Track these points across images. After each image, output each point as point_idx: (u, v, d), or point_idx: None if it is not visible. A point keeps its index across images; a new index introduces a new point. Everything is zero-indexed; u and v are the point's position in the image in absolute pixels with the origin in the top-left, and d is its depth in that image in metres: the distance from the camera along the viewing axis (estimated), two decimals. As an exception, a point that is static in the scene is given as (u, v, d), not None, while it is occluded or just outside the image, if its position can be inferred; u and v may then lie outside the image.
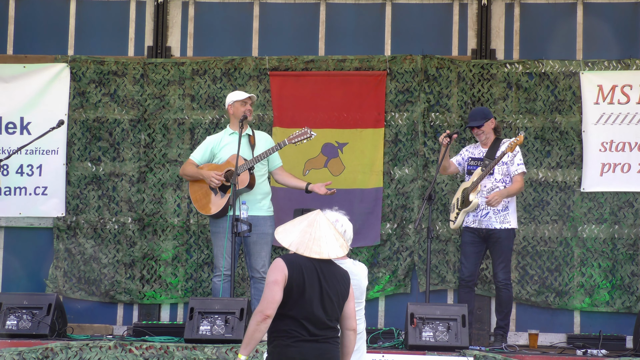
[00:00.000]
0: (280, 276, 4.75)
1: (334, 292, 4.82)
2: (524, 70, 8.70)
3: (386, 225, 8.72)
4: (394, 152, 8.76)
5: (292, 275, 4.75)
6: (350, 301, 4.94)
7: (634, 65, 8.59)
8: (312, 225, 4.84)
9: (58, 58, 9.00)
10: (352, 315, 4.95)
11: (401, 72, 8.78)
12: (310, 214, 4.91)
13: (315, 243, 4.80)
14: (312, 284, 4.77)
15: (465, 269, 7.73)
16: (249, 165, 7.69)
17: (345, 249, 4.88)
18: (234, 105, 7.91)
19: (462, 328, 7.06)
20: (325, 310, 4.79)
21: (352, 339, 4.95)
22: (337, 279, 4.88)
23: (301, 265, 4.78)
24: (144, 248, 8.83)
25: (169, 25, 9.11)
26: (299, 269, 4.77)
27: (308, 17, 9.05)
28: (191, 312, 7.19)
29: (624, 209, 8.52)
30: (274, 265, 4.80)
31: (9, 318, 7.36)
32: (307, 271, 4.78)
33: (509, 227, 7.69)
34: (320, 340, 4.78)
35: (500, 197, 7.59)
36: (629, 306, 8.44)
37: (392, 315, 8.63)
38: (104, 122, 8.93)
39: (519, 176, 7.73)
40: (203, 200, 7.87)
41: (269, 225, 7.78)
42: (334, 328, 4.85)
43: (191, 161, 7.97)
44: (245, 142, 7.85)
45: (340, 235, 4.92)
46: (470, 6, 8.92)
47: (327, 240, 4.83)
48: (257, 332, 4.76)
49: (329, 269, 4.85)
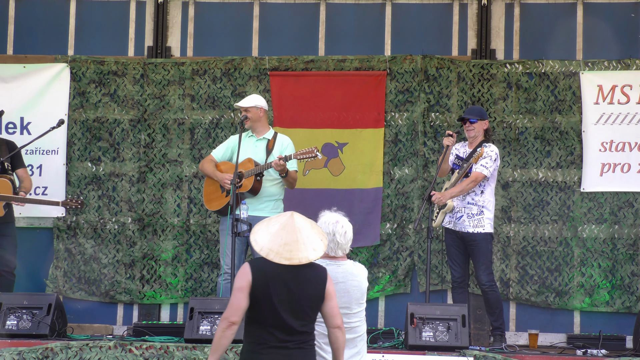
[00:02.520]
0: (245, 282, 4.66)
1: (305, 296, 4.70)
2: (524, 70, 8.70)
3: (386, 225, 8.71)
4: (394, 152, 8.76)
5: (257, 281, 4.66)
6: (330, 300, 4.81)
7: (634, 65, 8.58)
8: (284, 229, 4.71)
9: (58, 58, 9.00)
10: (334, 314, 4.84)
11: (401, 72, 8.78)
12: (283, 215, 4.78)
13: (285, 248, 4.66)
14: (277, 290, 4.66)
15: (454, 272, 7.73)
16: (257, 171, 7.70)
17: (319, 251, 4.73)
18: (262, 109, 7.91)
19: (462, 328, 7.06)
20: (295, 315, 4.68)
21: (338, 336, 4.86)
22: (309, 281, 4.75)
23: (267, 270, 4.67)
24: (144, 248, 8.83)
25: (169, 25, 9.11)
26: (264, 275, 4.66)
27: (308, 17, 9.05)
28: (191, 312, 7.19)
29: (624, 209, 8.52)
30: (240, 271, 4.73)
31: (9, 318, 7.36)
32: (273, 277, 4.67)
33: (482, 231, 7.62)
34: (290, 347, 4.67)
35: (439, 198, 7.53)
36: (629, 306, 8.43)
37: (392, 315, 8.63)
38: (104, 122, 8.93)
39: (474, 174, 7.57)
40: (211, 195, 7.94)
41: None
42: (306, 332, 4.73)
43: (211, 157, 8.04)
44: (262, 146, 7.88)
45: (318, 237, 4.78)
46: (470, 6, 8.92)
47: (299, 245, 4.68)
48: (223, 339, 4.68)
49: (301, 272, 4.71)
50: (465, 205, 7.63)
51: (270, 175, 7.80)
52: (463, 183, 7.61)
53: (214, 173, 7.93)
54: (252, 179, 7.71)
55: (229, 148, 8.03)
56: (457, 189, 7.60)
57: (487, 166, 7.58)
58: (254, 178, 7.71)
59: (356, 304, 5.32)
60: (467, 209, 7.62)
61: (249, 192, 7.71)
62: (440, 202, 7.57)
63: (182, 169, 8.84)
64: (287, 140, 8.02)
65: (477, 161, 7.54)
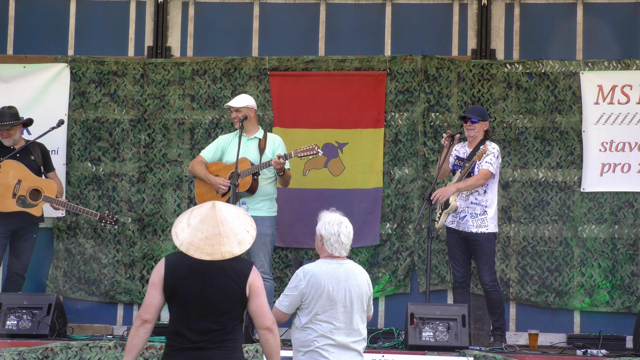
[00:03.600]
0: (157, 278, 4.43)
1: (221, 292, 4.41)
2: (524, 70, 8.70)
3: (386, 225, 8.71)
4: (394, 152, 8.76)
5: (169, 276, 4.42)
6: (256, 298, 4.50)
7: (634, 65, 8.58)
8: (204, 222, 4.40)
9: (58, 58, 9.00)
10: (261, 313, 4.52)
11: (401, 72, 8.78)
12: (205, 205, 4.47)
13: (207, 242, 4.36)
14: (191, 285, 4.40)
15: (456, 272, 7.72)
16: (253, 170, 7.69)
17: (245, 244, 4.44)
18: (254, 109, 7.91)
19: (462, 328, 7.06)
20: (209, 313, 4.39)
21: (269, 339, 4.55)
22: (229, 276, 4.44)
23: (183, 265, 4.41)
24: (143, 248, 8.82)
25: (169, 25, 9.11)
26: (178, 270, 4.41)
27: (308, 17, 9.05)
28: (191, 312, 7.18)
29: (624, 209, 8.52)
30: (156, 266, 4.48)
31: (9, 318, 7.36)
32: (187, 272, 4.41)
33: (486, 231, 7.60)
34: (204, 347, 4.38)
35: (442, 194, 7.50)
36: (629, 306, 8.43)
37: (392, 315, 8.62)
38: (104, 122, 8.93)
39: (482, 170, 7.55)
40: (205, 196, 7.88)
41: (268, 226, 7.76)
42: (224, 331, 4.42)
43: (201, 158, 7.98)
44: (254, 145, 7.86)
45: (244, 228, 4.48)
46: (470, 6, 8.92)
47: (222, 238, 4.38)
48: (136, 338, 4.44)
49: (220, 266, 4.41)
50: (468, 205, 7.63)
51: (264, 174, 7.79)
52: (471, 178, 7.54)
53: (206, 176, 7.86)
54: (249, 178, 7.70)
55: (219, 148, 7.99)
56: (463, 184, 7.54)
57: (492, 163, 7.57)
58: (251, 177, 7.70)
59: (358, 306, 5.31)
60: (471, 209, 7.61)
61: (247, 192, 7.70)
62: (443, 197, 7.52)
63: (182, 169, 8.84)
64: (278, 139, 8.01)
65: (480, 158, 7.52)
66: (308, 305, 5.23)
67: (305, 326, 5.24)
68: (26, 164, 8.08)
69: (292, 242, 8.70)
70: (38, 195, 7.99)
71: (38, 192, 7.99)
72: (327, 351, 5.19)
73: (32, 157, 8.16)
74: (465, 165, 7.62)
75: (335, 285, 5.25)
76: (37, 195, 7.99)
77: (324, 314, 5.22)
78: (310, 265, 5.33)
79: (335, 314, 5.24)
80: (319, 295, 5.22)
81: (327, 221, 5.35)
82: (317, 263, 5.35)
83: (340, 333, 5.24)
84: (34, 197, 7.99)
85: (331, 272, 5.28)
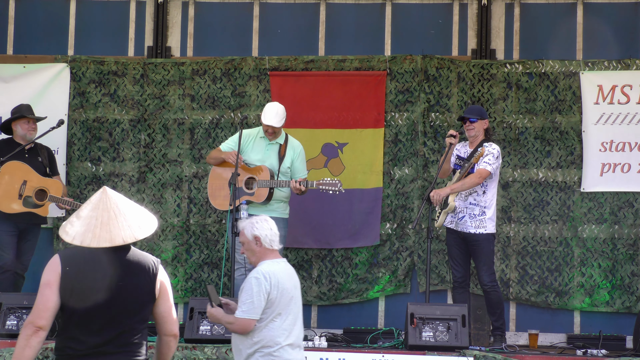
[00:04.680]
0: (53, 276, 3.86)
1: (130, 289, 3.94)
2: (524, 70, 8.70)
3: (386, 225, 8.71)
4: (394, 152, 8.76)
5: (67, 274, 3.86)
6: (166, 301, 4.11)
7: (634, 65, 8.59)
8: (97, 208, 3.92)
9: (58, 58, 9.00)
10: (170, 318, 4.13)
11: (401, 72, 8.78)
12: (94, 195, 4.01)
13: (104, 229, 3.86)
14: (93, 284, 3.86)
15: (456, 272, 7.71)
16: (270, 185, 7.71)
17: (148, 229, 4.00)
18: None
19: (462, 328, 7.06)
20: (115, 315, 3.91)
21: (171, 346, 4.17)
22: (137, 271, 3.95)
23: (81, 260, 3.89)
24: (143, 248, 8.81)
25: (169, 25, 9.11)
26: (76, 266, 3.88)
27: (308, 17, 9.05)
28: (191, 312, 7.19)
29: (624, 209, 8.52)
30: (48, 264, 3.93)
31: (9, 318, 7.36)
32: (88, 267, 3.87)
33: (484, 231, 7.57)
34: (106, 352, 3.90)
35: (438, 195, 7.48)
36: (629, 306, 8.43)
37: (392, 315, 8.62)
38: (104, 122, 8.93)
39: (479, 170, 7.52)
40: (217, 192, 7.91)
41: (281, 227, 7.73)
42: (129, 333, 3.97)
43: (219, 149, 8.03)
44: (275, 151, 7.87)
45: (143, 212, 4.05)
46: (470, 6, 8.92)
47: (119, 221, 3.91)
48: (28, 349, 3.85)
49: (125, 260, 3.94)
50: (467, 206, 7.62)
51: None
52: (467, 178, 7.52)
53: (219, 153, 7.87)
54: (266, 190, 7.73)
55: (236, 143, 7.90)
56: (459, 184, 7.52)
57: (490, 163, 7.54)
58: (268, 190, 7.73)
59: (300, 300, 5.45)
60: (469, 210, 7.61)
61: (263, 203, 7.74)
62: (439, 198, 7.51)
63: (182, 169, 8.84)
64: (299, 147, 8.00)
65: (477, 161, 7.52)
66: (271, 305, 5.24)
67: (266, 326, 5.24)
68: (34, 164, 8.07)
69: (292, 242, 8.70)
70: (44, 195, 7.99)
71: (44, 192, 7.99)
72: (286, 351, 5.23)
73: (40, 158, 8.16)
74: (465, 166, 7.62)
75: (289, 281, 5.33)
76: (43, 195, 7.99)
77: (284, 312, 5.27)
78: (264, 267, 5.30)
79: (293, 311, 5.31)
80: (281, 294, 5.26)
81: (251, 223, 5.37)
82: (267, 264, 5.32)
83: (297, 329, 5.33)
84: (40, 198, 7.99)
85: (283, 270, 5.35)
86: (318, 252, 8.74)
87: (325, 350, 7.02)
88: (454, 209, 7.61)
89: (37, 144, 8.23)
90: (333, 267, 8.71)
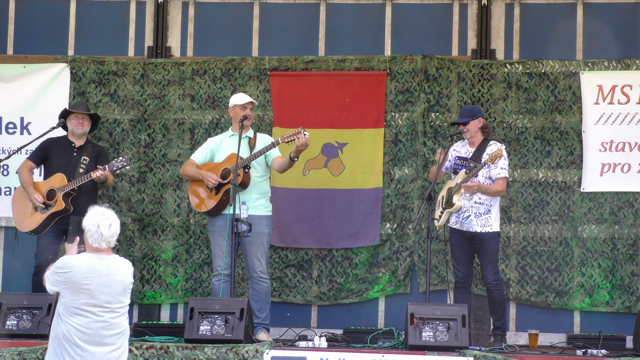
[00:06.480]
0: None
1: None
2: (524, 70, 8.70)
3: (386, 225, 8.72)
4: (394, 152, 8.76)
5: None
6: None
7: (634, 65, 8.59)
8: None
9: (58, 58, 9.00)
10: None
11: (401, 72, 8.78)
12: None
13: None
14: None
15: (458, 272, 7.72)
16: (244, 163, 7.65)
17: None
18: (234, 108, 7.91)
19: (462, 328, 7.06)
20: None
21: None
22: None
23: None
24: (143, 248, 8.83)
25: (169, 25, 9.12)
26: None
27: (308, 17, 9.05)
28: (191, 312, 7.19)
29: (624, 209, 8.52)
30: None
31: (9, 318, 7.36)
32: None
33: (490, 230, 7.61)
34: None
35: (473, 190, 7.52)
36: (629, 306, 8.44)
37: (392, 315, 8.63)
38: (104, 122, 8.93)
39: (500, 180, 7.63)
40: (199, 197, 7.87)
41: (265, 225, 7.76)
42: None
43: (192, 161, 7.97)
44: (245, 144, 7.83)
45: None
46: (470, 6, 8.92)
47: None
48: None
49: None
50: (472, 205, 7.63)
51: (257, 172, 7.77)
52: (494, 186, 7.58)
53: (198, 173, 7.84)
54: (240, 171, 7.65)
55: (208, 150, 7.97)
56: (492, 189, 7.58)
57: (505, 167, 7.65)
58: (242, 170, 7.66)
59: (117, 300, 5.41)
60: (475, 209, 7.62)
61: (239, 186, 7.63)
62: (472, 192, 7.54)
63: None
64: (269, 138, 8.00)
65: (494, 161, 7.50)
66: (65, 297, 5.30)
67: (62, 319, 5.31)
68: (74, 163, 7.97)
69: (292, 242, 8.71)
70: (54, 194, 7.97)
71: (53, 191, 7.97)
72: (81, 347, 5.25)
73: (83, 156, 8.02)
74: (470, 165, 7.62)
75: (94, 279, 5.33)
76: (53, 194, 7.97)
77: (81, 308, 5.29)
78: (72, 258, 5.39)
79: (92, 308, 5.31)
80: (77, 290, 5.29)
81: (90, 214, 5.46)
82: (79, 256, 5.42)
83: (97, 327, 5.33)
84: (51, 197, 7.96)
85: (91, 267, 5.36)
86: (318, 252, 8.74)
87: (325, 350, 7.02)
88: (459, 209, 7.62)
89: (93, 144, 8.16)
90: (333, 267, 8.71)
